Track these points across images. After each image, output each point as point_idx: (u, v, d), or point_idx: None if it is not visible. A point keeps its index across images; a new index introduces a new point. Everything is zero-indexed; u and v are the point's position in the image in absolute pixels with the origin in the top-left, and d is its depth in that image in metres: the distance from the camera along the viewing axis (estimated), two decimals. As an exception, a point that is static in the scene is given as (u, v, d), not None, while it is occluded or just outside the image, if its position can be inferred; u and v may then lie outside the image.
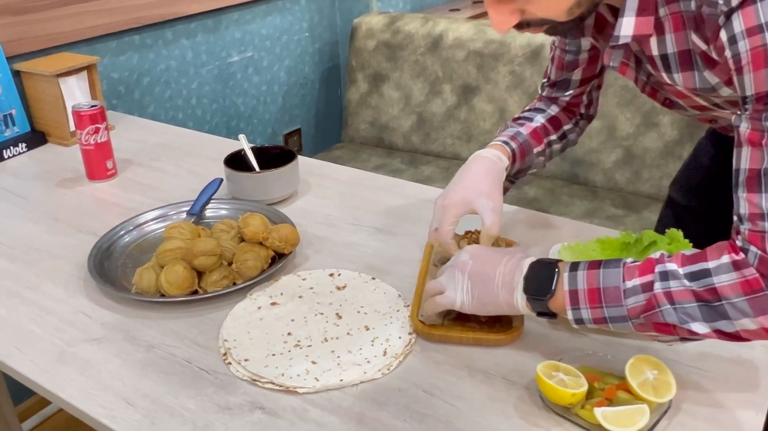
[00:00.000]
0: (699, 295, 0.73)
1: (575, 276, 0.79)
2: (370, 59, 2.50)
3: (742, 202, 0.73)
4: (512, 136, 1.05)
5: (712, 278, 0.73)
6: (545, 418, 0.78)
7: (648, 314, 0.75)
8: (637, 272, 0.76)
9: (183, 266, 0.99)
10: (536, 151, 1.08)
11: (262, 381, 0.84)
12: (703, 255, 0.75)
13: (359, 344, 0.90)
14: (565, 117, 1.11)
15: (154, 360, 0.89)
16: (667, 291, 0.74)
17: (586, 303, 0.79)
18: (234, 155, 1.33)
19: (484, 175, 0.97)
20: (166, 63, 2.12)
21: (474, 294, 0.85)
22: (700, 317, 0.73)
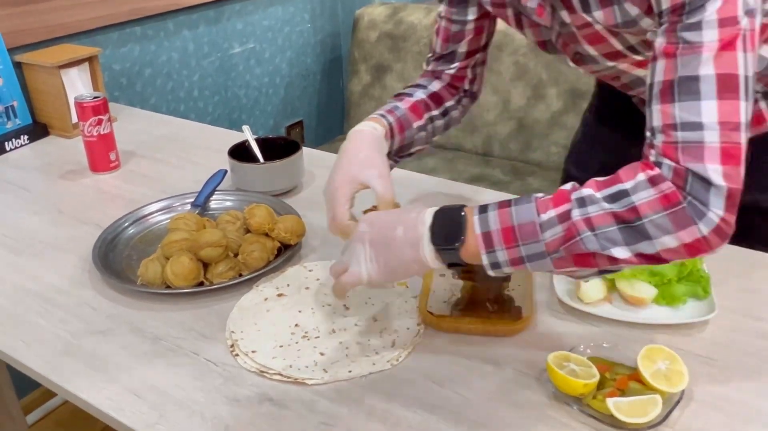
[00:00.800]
0: (619, 217, 0.70)
1: (486, 218, 0.75)
2: (372, 50, 2.49)
3: (655, 114, 0.71)
4: (389, 110, 1.00)
5: (631, 197, 0.69)
6: (556, 409, 0.77)
7: (568, 245, 0.72)
8: (552, 203, 0.73)
9: (189, 257, 0.98)
10: (416, 126, 1.03)
11: (270, 372, 0.84)
12: (617, 178, 0.72)
13: (367, 335, 0.90)
14: (447, 93, 1.07)
15: (160, 352, 0.88)
16: (586, 218, 0.71)
17: (501, 244, 0.74)
18: (238, 146, 1.33)
19: (362, 147, 0.93)
20: (167, 54, 2.11)
21: (380, 261, 0.79)
22: (621, 240, 0.70)
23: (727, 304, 0.92)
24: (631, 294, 0.92)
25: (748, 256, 1.04)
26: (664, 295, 0.92)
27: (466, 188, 1.30)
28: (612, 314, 0.90)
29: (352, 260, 0.81)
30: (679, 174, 0.68)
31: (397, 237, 0.78)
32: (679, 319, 0.89)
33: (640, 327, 0.89)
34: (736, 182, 0.68)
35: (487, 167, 2.24)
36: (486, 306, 0.90)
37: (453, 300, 0.95)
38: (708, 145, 0.68)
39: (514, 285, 0.95)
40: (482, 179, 2.14)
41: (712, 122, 0.68)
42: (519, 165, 2.25)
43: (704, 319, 0.88)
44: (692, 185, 0.68)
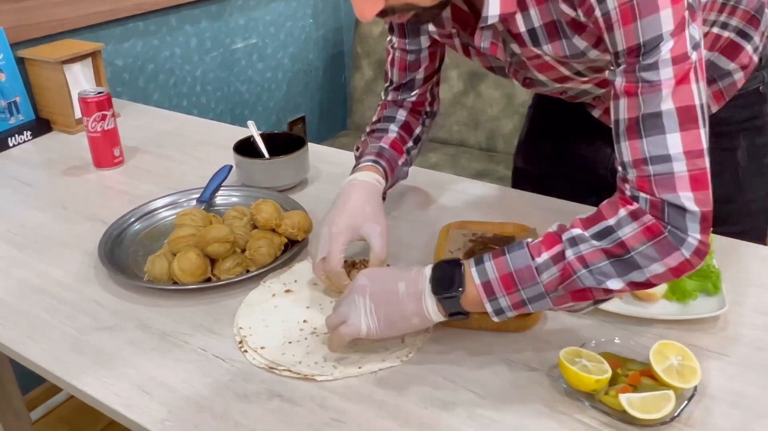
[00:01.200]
0: (609, 252, 0.74)
1: (483, 269, 0.78)
2: (375, 45, 2.48)
3: (624, 150, 0.75)
4: (378, 152, 1.04)
5: (617, 232, 0.74)
6: (568, 405, 0.77)
7: (565, 283, 0.75)
8: (544, 247, 0.76)
9: (196, 253, 0.98)
10: (401, 163, 1.08)
11: (279, 368, 0.83)
12: (600, 215, 0.76)
13: None
14: (414, 120, 1.10)
15: (168, 348, 0.88)
16: (579, 256, 0.74)
17: (502, 290, 0.77)
18: (243, 142, 1.32)
19: (366, 200, 0.96)
20: (170, 50, 2.10)
21: (380, 315, 0.80)
22: (615, 273, 0.74)
23: (737, 299, 0.91)
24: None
25: (757, 251, 1.03)
26: (674, 291, 0.92)
27: (472, 184, 1.30)
28: (622, 309, 0.90)
29: (351, 313, 0.82)
30: (655, 206, 0.73)
31: (399, 291, 0.80)
32: (690, 315, 0.89)
33: (651, 322, 0.89)
34: (707, 205, 0.73)
35: (490, 163, 2.23)
36: None
37: None
38: (678, 175, 0.72)
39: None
40: (486, 175, 2.13)
41: (678, 153, 0.72)
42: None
43: (715, 314, 0.87)
44: (669, 214, 0.72)
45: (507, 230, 1.06)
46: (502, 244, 0.96)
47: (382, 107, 1.13)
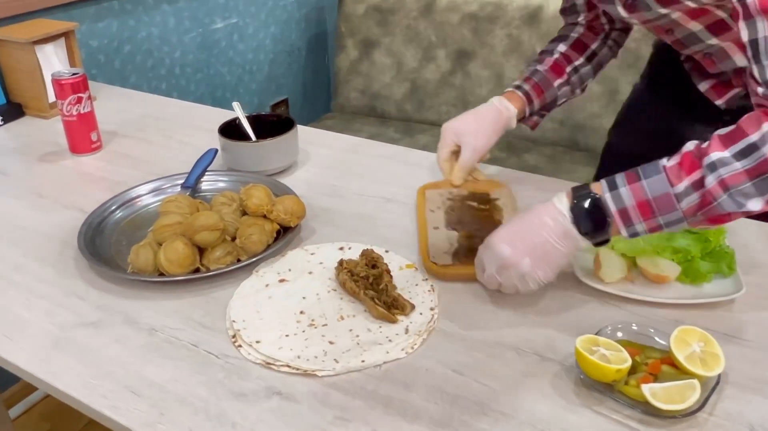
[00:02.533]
0: (753, 172, 0.72)
1: (618, 195, 0.78)
2: (359, 24, 2.41)
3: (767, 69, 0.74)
4: (527, 77, 1.09)
5: (761, 149, 0.72)
6: (585, 396, 0.73)
7: (705, 210, 0.75)
8: (684, 172, 0.75)
9: (183, 242, 0.92)
10: (557, 83, 1.09)
11: (277, 364, 0.78)
12: (740, 131, 0.74)
13: (378, 322, 0.84)
14: (590, 35, 1.12)
15: (157, 345, 0.82)
16: (720, 181, 0.73)
17: (639, 218, 0.77)
18: (228, 124, 1.26)
19: (484, 119, 1.04)
20: (147, 30, 2.02)
21: (542, 267, 0.81)
22: (756, 193, 0.73)
23: (752, 281, 0.88)
24: (654, 273, 0.88)
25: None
26: (687, 273, 0.88)
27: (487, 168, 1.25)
28: (635, 294, 0.86)
29: (515, 280, 0.82)
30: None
31: (548, 240, 0.80)
32: (707, 298, 0.85)
33: (665, 306, 0.85)
34: None
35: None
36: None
37: (453, 250, 0.97)
38: None
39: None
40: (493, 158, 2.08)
41: None
42: (514, 140, 2.20)
43: (733, 297, 0.84)
44: None
45: (480, 187, 1.10)
46: (478, 201, 1.09)
47: (562, 26, 1.15)
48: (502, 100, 1.06)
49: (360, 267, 0.89)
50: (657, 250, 0.89)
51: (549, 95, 1.09)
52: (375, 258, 0.90)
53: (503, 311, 0.86)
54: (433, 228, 1.02)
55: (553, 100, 1.11)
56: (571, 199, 0.80)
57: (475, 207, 1.08)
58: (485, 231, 0.88)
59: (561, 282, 0.90)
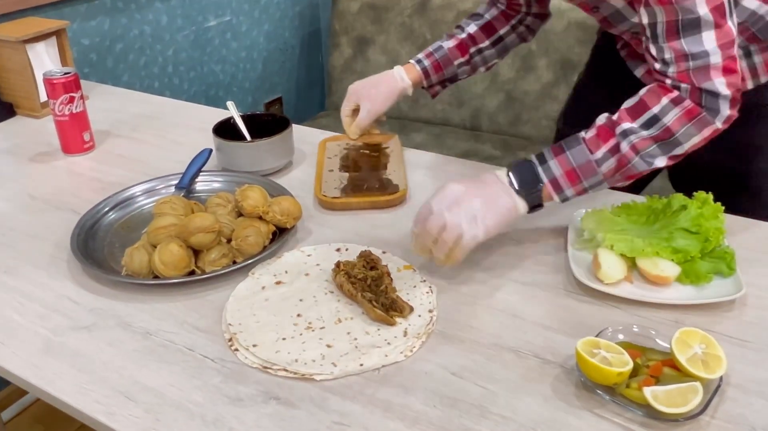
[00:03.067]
0: (657, 138, 0.87)
1: (548, 167, 0.89)
2: (354, 22, 2.40)
3: (665, 49, 0.86)
4: (430, 52, 1.19)
5: (662, 120, 0.86)
6: (586, 399, 0.72)
7: (622, 171, 0.88)
8: (601, 141, 0.88)
9: (178, 244, 0.91)
10: (457, 62, 1.19)
11: (274, 368, 0.77)
12: (643, 104, 0.88)
13: (376, 324, 0.83)
14: (502, 20, 1.18)
15: (152, 349, 0.81)
16: (632, 146, 0.87)
17: (567, 184, 0.89)
18: (223, 123, 1.24)
19: (381, 85, 1.17)
20: (139, 28, 2.00)
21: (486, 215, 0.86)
22: (661, 153, 0.88)
23: (752, 281, 0.87)
24: (654, 273, 0.87)
25: (767, 230, 1.00)
26: (687, 274, 0.87)
27: (462, 164, 1.24)
28: (635, 295, 0.85)
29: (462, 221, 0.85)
30: (694, 93, 0.86)
31: (494, 191, 0.88)
32: (707, 298, 0.84)
33: (665, 307, 0.84)
34: (737, 86, 0.86)
35: (476, 142, 2.17)
36: (369, 184, 1.13)
37: (342, 186, 1.13)
38: (713, 66, 0.84)
39: (391, 170, 1.18)
40: (473, 155, 2.08)
41: (714, 47, 0.84)
42: (509, 139, 2.19)
43: (734, 297, 0.83)
44: (706, 99, 0.85)
45: (373, 139, 1.25)
46: (370, 149, 1.25)
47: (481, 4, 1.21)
48: (401, 70, 1.18)
49: (357, 268, 0.88)
50: (656, 251, 0.88)
51: (448, 72, 1.19)
52: (374, 260, 0.89)
53: (502, 313, 0.85)
54: (328, 171, 1.18)
55: (452, 76, 1.21)
56: (508, 167, 0.91)
57: (367, 153, 1.25)
58: (372, 172, 1.17)
59: (560, 283, 0.90)
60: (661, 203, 0.94)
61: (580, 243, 0.95)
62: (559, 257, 0.95)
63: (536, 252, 0.96)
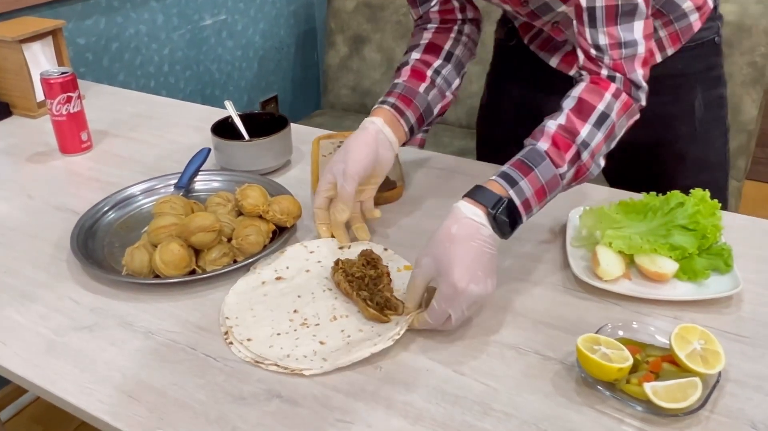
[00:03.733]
0: (607, 137, 0.88)
1: (520, 189, 0.84)
2: (349, 20, 2.40)
3: (602, 35, 0.87)
4: (389, 91, 1.04)
5: (610, 116, 0.87)
6: (587, 395, 0.73)
7: (578, 180, 0.89)
8: (563, 152, 0.86)
9: (179, 244, 0.91)
10: (422, 89, 1.04)
11: (265, 362, 0.78)
12: (587, 104, 0.87)
13: (371, 323, 0.84)
14: (442, 37, 1.07)
15: (154, 348, 0.81)
16: (591, 154, 0.87)
17: (536, 203, 0.85)
18: (221, 123, 1.24)
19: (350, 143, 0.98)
20: (135, 27, 2.00)
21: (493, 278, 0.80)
22: (605, 149, 0.89)
23: (749, 277, 0.88)
24: (653, 270, 0.88)
25: (763, 226, 1.01)
26: (685, 270, 0.88)
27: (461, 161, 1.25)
28: (634, 291, 0.86)
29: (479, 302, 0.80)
30: (627, 84, 0.88)
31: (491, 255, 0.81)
32: (705, 295, 0.85)
33: (664, 304, 0.85)
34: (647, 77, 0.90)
35: (472, 140, 2.17)
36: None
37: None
38: (638, 56, 0.87)
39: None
40: (469, 152, 2.08)
41: (641, 37, 0.87)
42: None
43: (731, 293, 0.84)
44: (633, 90, 0.89)
45: None
46: None
47: (413, 33, 1.12)
48: (369, 119, 1.00)
49: (356, 267, 0.89)
50: (655, 248, 0.89)
51: (419, 102, 1.03)
52: (375, 259, 0.90)
53: (503, 310, 0.86)
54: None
55: (427, 108, 1.04)
56: (484, 209, 0.81)
57: None
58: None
59: (559, 280, 0.91)
60: (659, 200, 0.95)
61: (578, 241, 0.95)
62: (558, 255, 0.95)
63: (535, 250, 0.97)
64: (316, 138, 1.29)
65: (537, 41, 1.16)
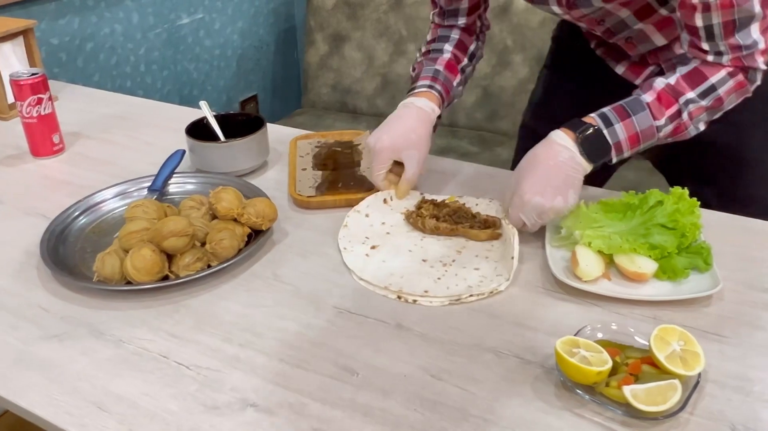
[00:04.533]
0: (709, 108, 0.94)
1: (614, 131, 0.92)
2: (329, 18, 2.38)
3: (721, 45, 0.91)
4: (433, 77, 1.08)
5: (717, 90, 0.93)
6: (567, 399, 0.72)
7: (675, 136, 0.95)
8: (663, 107, 0.93)
9: (151, 249, 0.89)
10: (455, 83, 1.12)
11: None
12: (701, 74, 0.93)
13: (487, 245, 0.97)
14: (467, 37, 1.14)
15: (125, 357, 0.79)
16: (689, 114, 0.93)
17: (628, 147, 0.93)
18: (195, 124, 1.22)
19: (415, 126, 1.03)
20: (110, 27, 1.96)
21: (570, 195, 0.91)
22: (707, 118, 0.95)
23: (729, 275, 0.87)
24: (632, 270, 0.87)
25: (742, 223, 1.00)
26: (665, 269, 0.88)
27: (444, 162, 1.23)
28: (613, 292, 0.85)
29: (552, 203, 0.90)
30: (745, 71, 0.94)
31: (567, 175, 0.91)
32: (685, 294, 0.84)
33: (643, 304, 0.84)
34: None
35: (454, 138, 2.17)
36: (345, 182, 1.10)
37: (316, 185, 1.11)
38: (759, 50, 0.92)
39: (364, 168, 1.15)
40: (450, 151, 2.07)
41: (759, 35, 0.91)
42: (486, 135, 2.19)
43: (711, 293, 0.83)
44: (751, 74, 0.94)
45: (344, 137, 1.27)
46: (343, 147, 1.23)
47: (435, 27, 1.15)
48: (424, 101, 1.04)
49: (436, 208, 0.99)
50: (634, 247, 0.88)
51: (452, 95, 1.11)
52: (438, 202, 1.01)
53: (481, 313, 0.84)
54: (302, 170, 1.16)
55: (451, 102, 1.12)
56: (573, 134, 0.91)
57: (339, 151, 1.22)
58: (346, 169, 1.14)
59: (538, 281, 0.90)
60: (638, 199, 0.94)
61: (557, 241, 0.94)
62: (536, 255, 0.94)
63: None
64: (294, 138, 1.28)
65: (603, 47, 1.16)
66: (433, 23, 1.16)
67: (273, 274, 0.93)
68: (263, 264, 0.95)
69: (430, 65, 1.09)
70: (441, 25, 1.14)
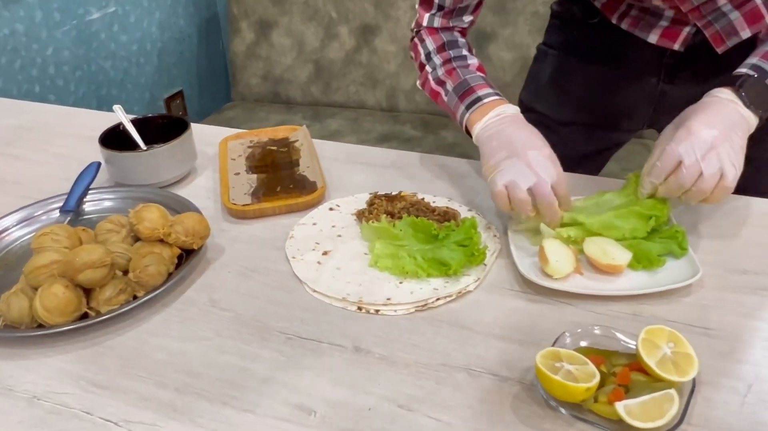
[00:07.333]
0: None
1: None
2: (253, 4, 2.24)
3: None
4: (489, 83, 0.98)
5: None
6: (552, 419, 0.64)
7: None
8: None
9: (64, 285, 0.77)
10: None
11: None
12: None
13: None
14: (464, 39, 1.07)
15: (41, 417, 0.68)
16: None
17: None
18: (111, 131, 1.09)
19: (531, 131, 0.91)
20: (10, 26, 1.78)
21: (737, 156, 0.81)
22: None
23: (707, 259, 0.82)
24: (605, 263, 0.80)
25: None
26: (639, 258, 0.81)
27: (387, 153, 1.14)
28: (589, 288, 0.78)
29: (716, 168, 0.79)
30: None
31: (733, 124, 0.82)
32: (663, 285, 0.78)
33: (621, 299, 0.78)
34: None
35: (395, 124, 2.08)
36: (284, 187, 1.01)
37: (252, 191, 1.01)
38: None
39: (304, 166, 1.06)
40: (392, 137, 1.98)
41: None
42: (429, 118, 2.10)
43: (691, 282, 0.77)
44: None
45: (279, 133, 1.18)
46: (279, 145, 1.13)
47: (430, 32, 1.05)
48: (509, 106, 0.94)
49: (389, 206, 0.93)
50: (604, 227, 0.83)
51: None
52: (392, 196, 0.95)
53: (447, 325, 0.76)
54: (234, 174, 1.06)
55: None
56: (732, 88, 0.84)
57: (275, 150, 1.13)
58: (284, 170, 1.05)
59: (505, 281, 0.82)
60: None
61: (518, 224, 0.87)
62: (501, 254, 0.86)
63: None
64: (224, 139, 1.16)
65: (628, 19, 1.05)
66: (430, 27, 1.04)
67: (210, 300, 0.82)
68: (198, 289, 0.84)
69: (472, 73, 1.00)
70: (442, 29, 1.04)
